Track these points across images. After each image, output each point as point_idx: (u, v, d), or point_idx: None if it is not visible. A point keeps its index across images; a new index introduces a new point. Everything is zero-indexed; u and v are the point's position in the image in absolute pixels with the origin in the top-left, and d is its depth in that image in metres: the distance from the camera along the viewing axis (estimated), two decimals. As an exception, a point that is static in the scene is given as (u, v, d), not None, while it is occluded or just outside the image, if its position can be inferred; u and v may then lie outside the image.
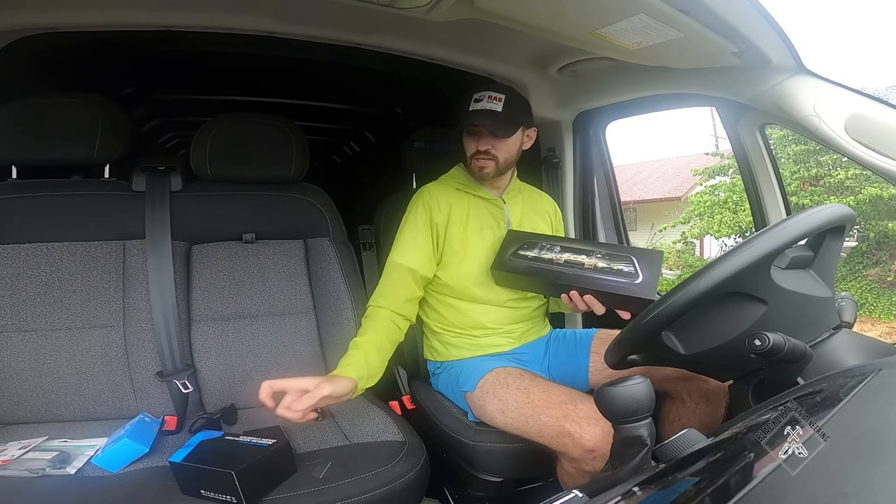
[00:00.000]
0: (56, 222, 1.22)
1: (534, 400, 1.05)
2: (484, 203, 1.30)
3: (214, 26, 1.25)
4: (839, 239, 0.78)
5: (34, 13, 1.15)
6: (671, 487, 0.48)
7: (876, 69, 21.26)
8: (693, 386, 1.11)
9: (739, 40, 0.98)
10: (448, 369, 1.28)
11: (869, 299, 6.20)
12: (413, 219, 1.25)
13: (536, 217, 1.38)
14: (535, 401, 1.05)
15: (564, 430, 0.98)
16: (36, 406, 1.14)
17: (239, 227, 1.35)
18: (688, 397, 1.12)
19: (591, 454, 0.95)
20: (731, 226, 7.35)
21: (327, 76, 1.96)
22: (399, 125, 2.48)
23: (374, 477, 0.95)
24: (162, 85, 2.14)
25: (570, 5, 0.96)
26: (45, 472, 0.93)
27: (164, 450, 1.02)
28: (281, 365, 1.28)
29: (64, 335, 1.17)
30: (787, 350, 0.64)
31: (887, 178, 0.97)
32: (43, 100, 1.22)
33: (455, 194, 1.29)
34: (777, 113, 1.08)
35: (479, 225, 1.27)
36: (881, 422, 0.43)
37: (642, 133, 31.32)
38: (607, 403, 0.57)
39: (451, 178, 1.33)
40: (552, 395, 1.05)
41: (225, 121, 1.34)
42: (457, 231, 1.25)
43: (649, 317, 0.73)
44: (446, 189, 1.30)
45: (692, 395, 1.12)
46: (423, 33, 1.34)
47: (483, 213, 1.29)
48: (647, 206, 11.33)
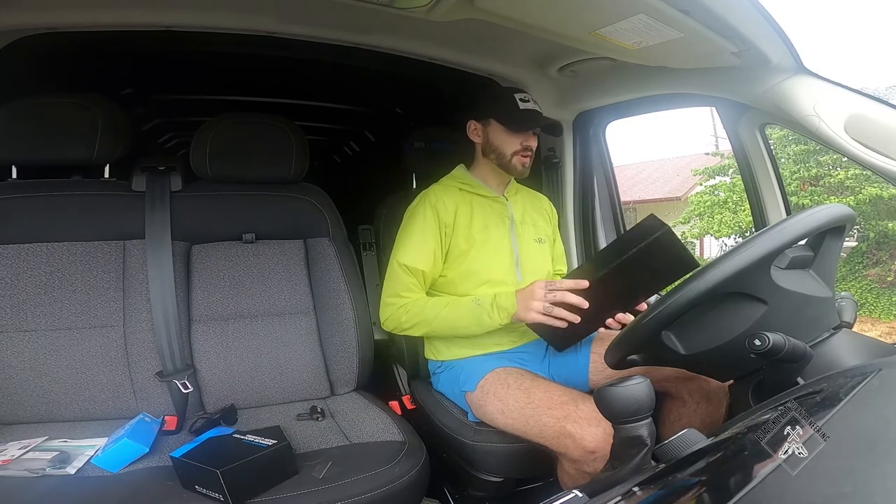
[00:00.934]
0: (56, 222, 1.22)
1: (535, 400, 1.05)
2: (487, 201, 1.31)
3: (214, 26, 1.25)
4: (839, 239, 0.78)
5: (34, 13, 1.15)
6: (671, 487, 0.48)
7: (876, 69, 21.26)
8: (694, 386, 1.11)
9: (739, 40, 0.98)
10: (448, 369, 1.28)
11: (869, 299, 6.20)
12: (422, 220, 1.25)
13: (537, 216, 1.39)
14: (536, 401, 1.05)
15: (566, 430, 0.98)
16: (36, 406, 1.14)
17: (239, 227, 1.35)
18: (688, 397, 1.12)
19: (592, 455, 0.95)
20: (731, 226, 7.35)
21: (327, 76, 1.96)
22: (399, 125, 2.47)
23: (374, 477, 0.95)
24: (162, 85, 2.14)
25: (570, 5, 0.96)
26: (45, 472, 0.93)
27: (164, 450, 1.02)
28: (281, 365, 1.28)
29: (64, 335, 1.17)
30: (787, 350, 0.64)
31: (887, 178, 0.97)
32: (43, 100, 1.21)
33: (459, 194, 1.29)
34: (777, 113, 1.08)
35: (483, 223, 1.28)
36: (881, 422, 0.43)
37: (642, 133, 31.32)
38: (607, 403, 0.57)
39: (454, 179, 1.34)
40: (553, 395, 1.05)
41: (225, 121, 1.34)
42: (463, 230, 1.26)
43: (649, 317, 0.73)
44: (450, 190, 1.30)
45: (693, 394, 1.12)
46: (423, 33, 1.34)
47: (487, 210, 1.30)
48: (647, 206, 11.31)
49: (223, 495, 0.86)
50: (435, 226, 1.24)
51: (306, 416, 1.19)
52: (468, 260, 1.25)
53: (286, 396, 1.29)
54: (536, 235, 1.35)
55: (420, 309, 1.21)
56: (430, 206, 1.25)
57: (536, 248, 1.34)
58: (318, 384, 1.32)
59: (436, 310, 1.19)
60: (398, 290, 1.23)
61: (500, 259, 1.27)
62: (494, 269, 1.25)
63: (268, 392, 1.28)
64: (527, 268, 1.30)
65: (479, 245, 1.26)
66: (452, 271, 1.26)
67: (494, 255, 1.26)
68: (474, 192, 1.31)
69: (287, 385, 1.29)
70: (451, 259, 1.26)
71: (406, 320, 1.22)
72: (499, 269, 1.26)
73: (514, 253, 1.29)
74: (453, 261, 1.26)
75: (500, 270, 1.26)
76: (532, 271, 1.30)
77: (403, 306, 1.22)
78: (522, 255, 1.30)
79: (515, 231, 1.31)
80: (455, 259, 1.26)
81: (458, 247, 1.25)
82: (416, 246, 1.23)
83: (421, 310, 1.20)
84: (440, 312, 1.19)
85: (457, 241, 1.25)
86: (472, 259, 1.25)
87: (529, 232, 1.34)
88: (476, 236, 1.26)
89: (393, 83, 1.94)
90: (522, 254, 1.30)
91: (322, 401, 1.30)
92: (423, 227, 1.24)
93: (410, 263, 1.22)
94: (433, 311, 1.19)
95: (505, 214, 1.32)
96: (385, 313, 1.25)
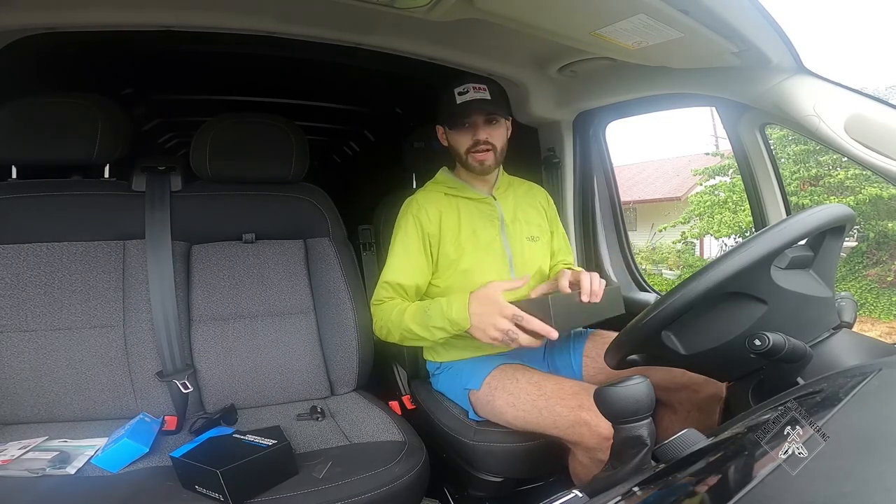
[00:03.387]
0: (56, 222, 1.22)
1: (547, 392, 1.05)
2: (474, 204, 1.29)
3: (214, 26, 1.25)
4: (839, 239, 0.78)
5: (34, 13, 1.15)
6: (671, 487, 0.48)
7: (876, 69, 21.25)
8: (683, 395, 1.11)
9: (739, 40, 0.98)
10: (448, 369, 1.28)
11: (869, 299, 6.20)
12: (403, 234, 1.24)
13: (530, 210, 1.36)
14: (549, 393, 1.05)
15: (581, 419, 0.98)
16: (36, 406, 1.14)
17: (239, 227, 1.35)
18: (679, 406, 1.13)
19: (608, 442, 0.95)
20: (731, 226, 7.35)
21: (327, 76, 1.96)
22: (399, 125, 2.47)
23: (374, 477, 0.95)
24: (162, 85, 2.14)
25: (570, 5, 0.96)
26: (45, 472, 0.93)
27: (164, 450, 1.02)
28: (281, 365, 1.28)
29: (64, 335, 1.17)
30: (787, 350, 0.64)
31: (887, 178, 0.97)
32: (43, 100, 1.21)
33: (444, 200, 1.27)
34: (777, 113, 1.08)
35: (471, 227, 1.25)
36: (881, 422, 0.43)
37: (642, 133, 31.33)
38: (607, 403, 0.57)
39: (438, 184, 1.32)
40: (564, 386, 1.06)
41: (225, 121, 1.34)
42: (450, 238, 1.24)
43: (649, 317, 0.73)
44: (434, 196, 1.27)
45: (683, 403, 1.12)
46: (423, 33, 1.34)
47: (474, 213, 1.27)
48: (647, 206, 11.32)
49: (223, 495, 0.86)
50: (417, 238, 1.23)
51: (306, 416, 1.20)
52: (460, 267, 1.23)
53: (286, 396, 1.29)
54: (529, 233, 1.32)
55: (387, 314, 1.17)
56: (413, 217, 1.24)
57: (530, 246, 1.31)
58: (318, 384, 1.32)
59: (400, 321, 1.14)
60: (378, 299, 1.23)
61: (493, 263, 1.25)
62: (488, 274, 1.23)
63: (268, 392, 1.28)
64: (521, 268, 1.28)
65: (469, 251, 1.23)
66: (445, 280, 1.24)
67: (486, 259, 1.24)
68: (460, 196, 1.28)
69: (287, 385, 1.29)
70: (442, 268, 1.25)
71: (381, 326, 1.20)
72: (492, 272, 1.24)
73: (507, 255, 1.27)
74: (444, 270, 1.24)
75: (493, 274, 1.24)
76: (525, 271, 1.28)
77: (380, 316, 1.20)
78: (515, 256, 1.28)
79: (506, 231, 1.29)
80: (446, 268, 1.24)
81: (447, 256, 1.24)
82: (398, 262, 1.22)
83: (388, 315, 1.17)
84: (402, 322, 1.14)
85: (445, 251, 1.23)
86: (464, 266, 1.23)
87: (522, 230, 1.31)
88: (465, 243, 1.24)
89: (393, 83, 1.94)
90: (515, 255, 1.28)
91: (322, 401, 1.30)
92: (404, 241, 1.23)
93: (392, 280, 1.21)
94: (398, 320, 1.15)
95: (494, 216, 1.29)
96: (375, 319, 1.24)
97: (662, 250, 9.43)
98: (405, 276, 1.21)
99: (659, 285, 1.11)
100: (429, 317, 1.09)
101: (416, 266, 1.22)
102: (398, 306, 1.17)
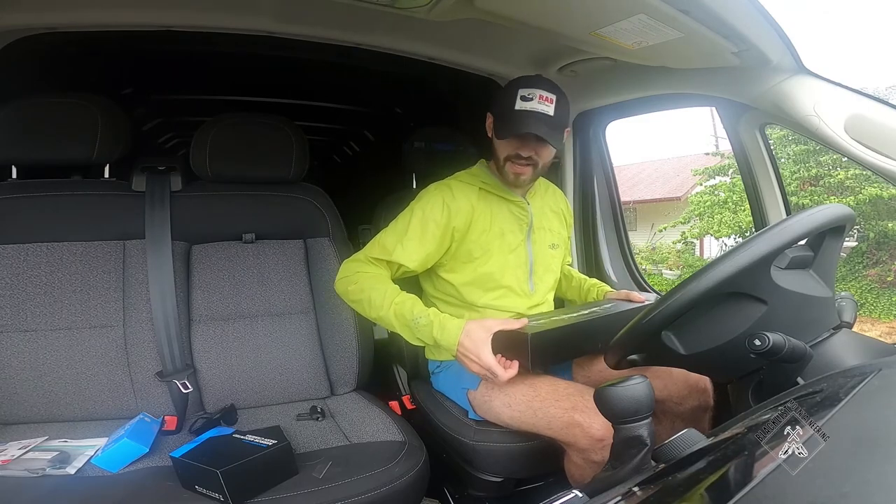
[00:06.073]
0: (56, 222, 1.22)
1: (541, 393, 1.06)
2: (507, 205, 1.23)
3: (214, 26, 1.25)
4: (839, 239, 0.78)
5: (34, 13, 1.15)
6: (671, 487, 0.48)
7: (876, 69, 21.24)
8: (665, 407, 1.13)
9: (739, 40, 0.98)
10: (448, 368, 1.28)
11: (869, 299, 6.20)
12: (425, 217, 1.15)
13: (553, 216, 1.33)
14: (543, 394, 1.06)
15: (574, 420, 0.99)
16: (36, 406, 1.14)
17: (239, 227, 1.35)
18: (662, 415, 1.14)
19: (601, 443, 0.96)
20: (731, 226, 7.36)
21: (327, 76, 1.96)
22: (399, 125, 2.48)
23: (374, 477, 0.95)
24: (162, 85, 2.15)
25: (570, 5, 0.96)
26: (45, 472, 0.93)
27: (164, 450, 1.02)
28: (281, 365, 1.28)
29: (64, 335, 1.17)
30: (786, 350, 0.64)
31: (887, 178, 0.97)
32: (43, 100, 1.21)
33: (478, 195, 1.20)
34: (777, 113, 1.08)
35: (500, 229, 1.20)
36: (881, 422, 0.43)
37: (642, 133, 31.31)
38: (607, 403, 0.57)
39: (475, 177, 1.23)
40: (559, 388, 1.06)
41: (225, 121, 1.34)
42: (477, 236, 1.18)
43: (649, 317, 0.73)
44: (468, 190, 1.19)
45: (666, 414, 1.14)
46: (423, 33, 1.34)
47: (506, 215, 1.22)
48: (647, 206, 11.33)
49: (223, 495, 0.86)
50: (440, 227, 1.15)
51: (306, 416, 1.19)
52: (479, 267, 1.20)
53: (286, 396, 1.29)
54: (552, 241, 1.29)
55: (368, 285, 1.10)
56: (444, 205, 1.15)
57: (550, 254, 1.28)
58: (317, 384, 1.32)
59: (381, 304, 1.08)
60: (366, 256, 1.16)
61: (514, 269, 1.22)
62: (507, 278, 1.20)
63: (268, 392, 1.28)
64: (539, 276, 1.26)
65: (494, 253, 1.19)
66: (460, 277, 1.21)
67: (508, 263, 1.20)
68: (495, 194, 1.21)
69: (287, 385, 1.29)
70: (460, 263, 1.20)
71: (353, 290, 1.13)
72: (511, 277, 1.21)
73: (529, 262, 1.24)
74: (462, 265, 1.20)
75: (512, 279, 1.21)
76: (543, 279, 1.28)
77: (357, 273, 1.13)
78: (537, 264, 1.25)
79: (532, 237, 1.25)
80: (464, 263, 1.20)
81: (469, 253, 1.19)
82: (412, 245, 1.14)
83: (367, 286, 1.10)
84: (382, 307, 1.08)
85: (468, 248, 1.19)
86: (484, 267, 1.19)
87: (545, 238, 1.27)
88: (492, 243, 1.19)
89: (393, 83, 1.94)
90: (537, 262, 1.25)
91: (322, 401, 1.30)
92: (423, 224, 1.14)
93: (397, 260, 1.13)
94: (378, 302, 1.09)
95: (524, 220, 1.23)
96: (342, 272, 1.17)
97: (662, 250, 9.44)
98: (413, 262, 1.14)
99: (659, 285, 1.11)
100: (417, 325, 1.06)
101: (427, 255, 1.16)
102: (383, 287, 1.10)
